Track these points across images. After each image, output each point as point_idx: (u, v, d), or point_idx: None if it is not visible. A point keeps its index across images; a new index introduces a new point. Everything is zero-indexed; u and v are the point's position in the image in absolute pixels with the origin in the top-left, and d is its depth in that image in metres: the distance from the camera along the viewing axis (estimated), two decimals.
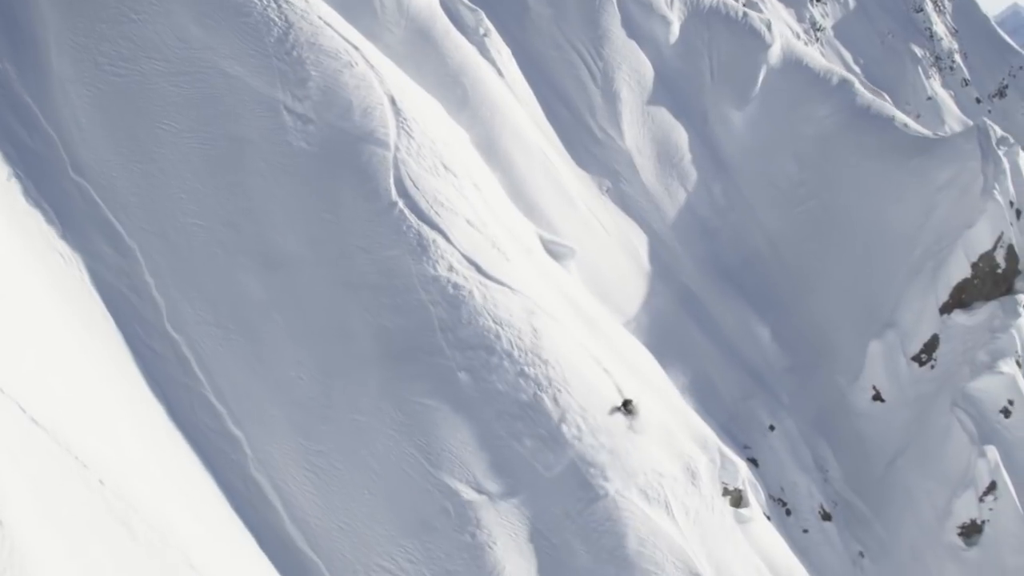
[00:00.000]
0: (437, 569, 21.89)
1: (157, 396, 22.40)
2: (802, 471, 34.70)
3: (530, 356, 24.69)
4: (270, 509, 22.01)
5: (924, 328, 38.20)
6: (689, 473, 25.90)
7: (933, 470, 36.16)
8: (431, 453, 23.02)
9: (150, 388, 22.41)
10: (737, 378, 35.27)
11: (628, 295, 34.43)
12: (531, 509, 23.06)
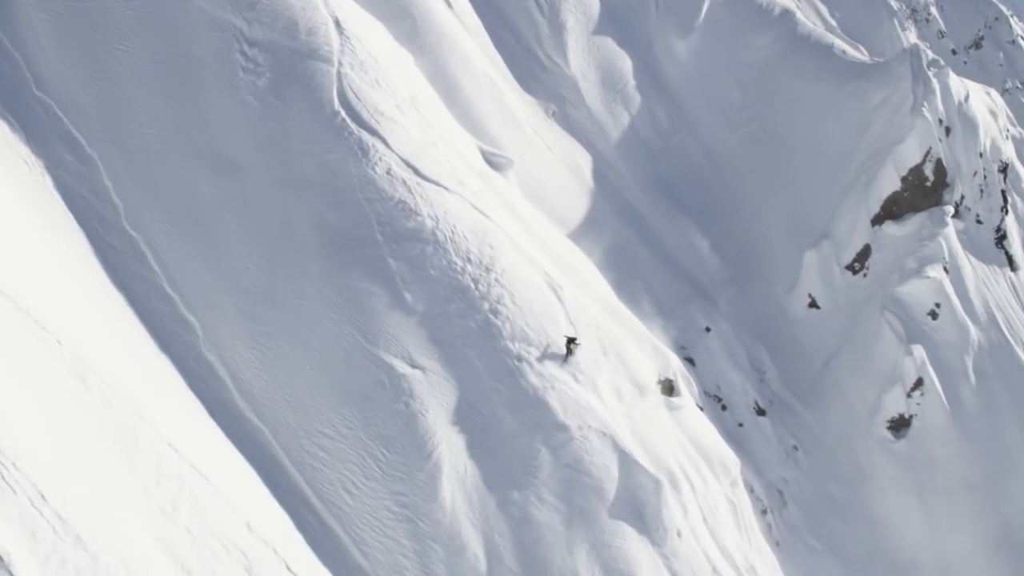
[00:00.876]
0: (373, 434, 24.13)
1: (116, 286, 24.60)
2: (737, 370, 36.98)
3: (462, 248, 26.94)
4: (220, 384, 24.24)
5: (857, 238, 40.45)
6: (615, 354, 28.12)
7: (864, 369, 38.47)
8: (368, 332, 25.26)
9: (109, 279, 24.61)
10: (676, 286, 37.51)
11: (571, 208, 36.65)
12: (461, 383, 25.33)
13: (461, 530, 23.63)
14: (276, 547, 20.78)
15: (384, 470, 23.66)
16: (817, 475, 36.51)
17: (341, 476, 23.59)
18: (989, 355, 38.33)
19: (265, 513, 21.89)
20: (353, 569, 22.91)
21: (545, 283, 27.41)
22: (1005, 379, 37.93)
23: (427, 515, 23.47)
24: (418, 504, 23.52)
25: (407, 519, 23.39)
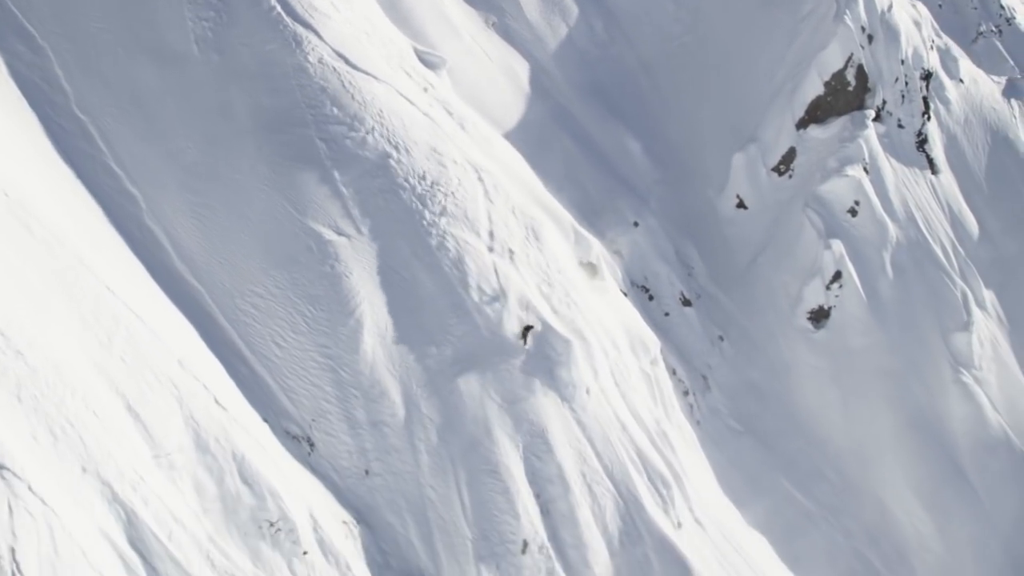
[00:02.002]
0: (300, 293, 26.61)
1: (65, 161, 26.95)
2: (664, 263, 39.43)
3: (387, 130, 29.33)
4: (161, 250, 26.65)
5: (783, 142, 42.85)
6: (532, 233, 30.56)
7: (787, 265, 40.99)
8: (298, 204, 27.70)
9: (59, 155, 26.95)
10: (606, 183, 39.85)
11: (506, 110, 38.95)
12: (384, 249, 27.78)
13: (380, 379, 26.07)
14: (206, 384, 23.19)
15: (310, 325, 26.07)
16: (740, 363, 39.01)
17: (271, 330, 26.01)
18: (907, 251, 40.78)
19: (198, 357, 24.33)
20: (280, 413, 25.39)
21: (466, 162, 29.71)
22: (922, 274, 40.41)
23: (349, 366, 25.92)
24: (341, 355, 25.97)
25: (330, 369, 25.84)
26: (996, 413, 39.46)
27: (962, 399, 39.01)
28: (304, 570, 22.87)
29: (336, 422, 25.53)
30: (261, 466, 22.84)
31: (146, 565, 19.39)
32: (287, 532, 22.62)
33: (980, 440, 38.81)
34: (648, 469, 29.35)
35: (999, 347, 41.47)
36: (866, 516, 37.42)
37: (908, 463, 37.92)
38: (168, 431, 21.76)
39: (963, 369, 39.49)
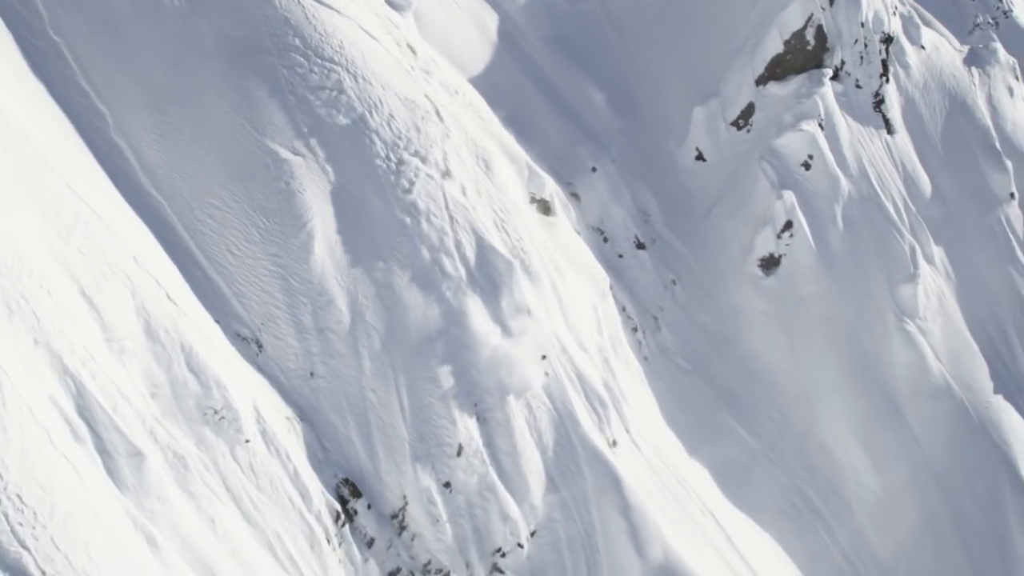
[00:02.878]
0: (256, 207, 28.39)
1: (38, 79, 28.70)
2: (620, 207, 41.11)
3: (346, 60, 31.06)
4: (126, 163, 28.42)
5: (742, 97, 44.51)
6: (484, 164, 32.30)
7: (741, 214, 42.68)
8: (257, 124, 29.45)
9: (32, 73, 28.68)
10: (567, 130, 41.49)
11: (472, 56, 40.60)
12: (337, 170, 29.54)
13: (328, 289, 27.87)
14: (159, 280, 25.00)
15: (263, 236, 27.87)
16: (692, 307, 40.71)
17: (226, 240, 27.81)
18: (858, 205, 42.46)
19: (154, 258, 26.11)
20: (231, 316, 27.20)
21: (423, 95, 31.45)
22: (872, 228, 42.09)
23: (299, 274, 27.72)
24: (291, 265, 27.78)
25: (281, 277, 27.65)
26: (938, 362, 41.11)
27: (905, 347, 40.66)
28: (246, 457, 24.60)
29: (284, 326, 27.23)
30: (208, 358, 24.58)
31: (92, 433, 21.09)
32: (231, 420, 24.38)
33: (920, 386, 40.45)
34: (586, 389, 31.06)
35: (945, 301, 43.13)
36: (807, 454, 39.10)
37: (849, 405, 39.57)
38: (120, 318, 23.45)
39: (907, 319, 41.11)
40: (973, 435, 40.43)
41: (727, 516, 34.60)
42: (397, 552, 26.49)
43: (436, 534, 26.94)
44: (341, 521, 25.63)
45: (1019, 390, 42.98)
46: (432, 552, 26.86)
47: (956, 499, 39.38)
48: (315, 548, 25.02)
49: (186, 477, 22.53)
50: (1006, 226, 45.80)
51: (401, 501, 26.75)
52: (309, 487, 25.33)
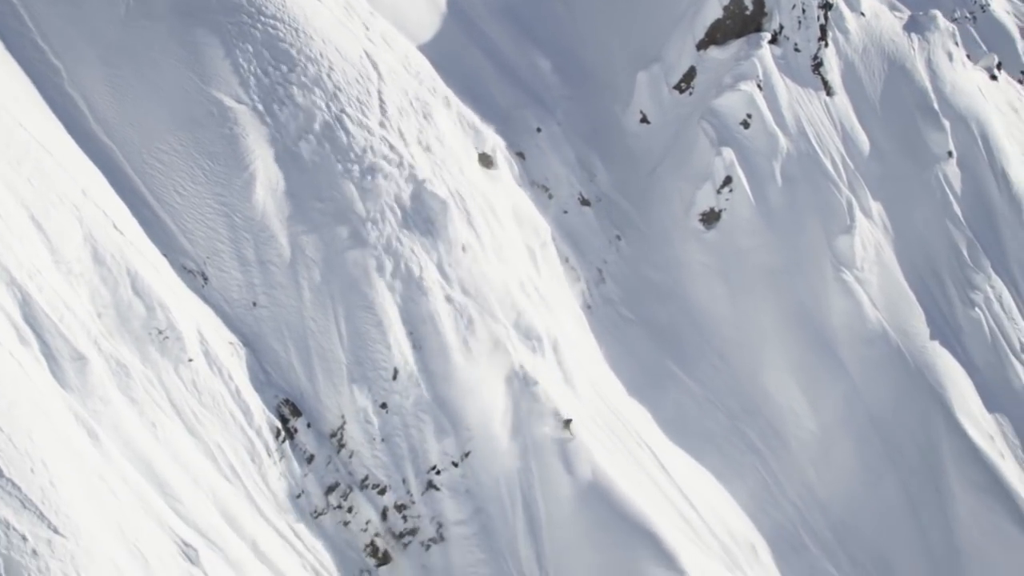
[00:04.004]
0: (201, 151, 30.44)
1: None
2: (564, 165, 43.18)
3: (289, 16, 33.17)
4: (79, 113, 30.45)
5: (684, 62, 46.61)
6: (424, 115, 34.37)
7: (683, 172, 44.72)
8: (204, 76, 31.52)
9: None
10: (514, 94, 43.53)
11: (420, 21, 42.66)
12: (279, 117, 31.61)
13: (270, 225, 29.92)
14: (107, 211, 27.05)
15: (208, 177, 29.93)
16: (636, 261, 42.70)
17: (173, 181, 29.87)
18: (797, 162, 44.51)
19: (103, 194, 28.14)
20: (178, 250, 29.23)
21: (363, 51, 33.53)
22: (811, 183, 44.13)
23: (241, 212, 29.78)
24: (235, 203, 29.84)
25: (225, 214, 29.70)
26: (875, 309, 43.10)
27: (842, 295, 42.65)
28: (189, 375, 26.63)
29: (228, 260, 29.28)
30: (153, 282, 26.63)
31: (37, 338, 23.10)
32: (174, 340, 26.40)
33: (857, 332, 42.42)
34: (521, 323, 32.96)
35: (883, 252, 45.15)
36: (747, 397, 41.04)
37: (788, 351, 41.51)
38: (68, 243, 25.48)
39: (845, 269, 43.13)
40: (909, 378, 42.29)
41: (665, 451, 36.36)
42: (336, 468, 28.35)
43: (373, 452, 28.81)
44: (281, 438, 27.51)
45: (955, 336, 44.86)
46: (369, 468, 28.73)
47: (892, 438, 41.22)
48: (256, 461, 26.91)
49: (128, 384, 24.43)
50: (944, 183, 47.72)
51: (339, 420, 28.63)
52: (250, 405, 27.22)
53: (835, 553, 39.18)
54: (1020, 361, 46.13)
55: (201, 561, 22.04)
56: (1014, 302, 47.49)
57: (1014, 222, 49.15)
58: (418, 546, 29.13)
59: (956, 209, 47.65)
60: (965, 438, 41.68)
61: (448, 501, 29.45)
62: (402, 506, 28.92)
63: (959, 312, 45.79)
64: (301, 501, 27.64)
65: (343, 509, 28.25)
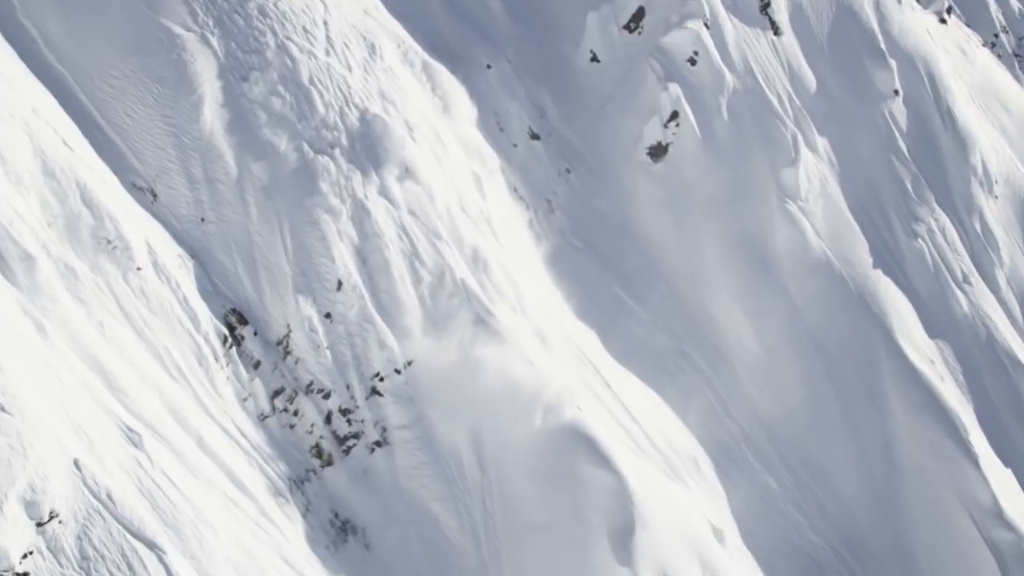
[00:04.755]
0: (151, 76, 31.85)
1: None
2: (514, 100, 44.60)
3: None
4: (32, 41, 31.70)
5: (632, 2, 48.08)
6: (369, 44, 35.75)
7: (632, 108, 46.17)
8: (154, 4, 32.87)
9: None
10: (466, 35, 44.82)
11: None
12: (225, 43, 33.04)
13: (217, 145, 31.38)
14: (56, 128, 28.46)
15: (158, 100, 31.35)
16: (586, 194, 44.19)
17: (124, 105, 31.28)
18: (744, 98, 46.00)
19: (53, 114, 29.53)
20: (128, 169, 30.67)
21: None
22: (756, 118, 45.62)
23: (189, 133, 31.21)
24: (183, 125, 31.28)
25: (173, 135, 31.15)
26: (819, 239, 44.69)
27: (786, 224, 44.25)
28: (137, 282, 28.15)
29: (177, 178, 30.74)
30: (102, 195, 28.08)
31: None
32: (123, 249, 27.89)
33: (801, 260, 44.03)
34: (465, 243, 34.47)
35: (828, 186, 46.73)
36: (692, 322, 42.67)
37: (733, 278, 43.12)
38: (18, 156, 26.89)
39: (789, 200, 44.71)
40: (851, 304, 43.92)
41: (610, 369, 37.92)
42: (282, 374, 29.92)
43: (318, 359, 30.38)
44: (228, 344, 29.07)
45: (898, 266, 46.46)
46: (314, 374, 30.31)
47: (834, 361, 42.88)
48: (203, 364, 28.45)
49: (77, 287, 25.91)
50: (889, 120, 49.23)
51: (285, 329, 30.20)
52: (198, 312, 28.76)
53: (776, 468, 40.81)
54: (962, 290, 47.41)
55: (145, 445, 23.39)
56: (957, 234, 48.91)
57: (959, 158, 50.56)
58: (363, 449, 30.55)
59: (901, 145, 49.04)
60: (905, 361, 43.12)
61: (391, 407, 30.88)
62: (346, 410, 30.28)
63: (902, 243, 47.27)
64: (248, 404, 29.05)
65: (289, 412, 29.62)
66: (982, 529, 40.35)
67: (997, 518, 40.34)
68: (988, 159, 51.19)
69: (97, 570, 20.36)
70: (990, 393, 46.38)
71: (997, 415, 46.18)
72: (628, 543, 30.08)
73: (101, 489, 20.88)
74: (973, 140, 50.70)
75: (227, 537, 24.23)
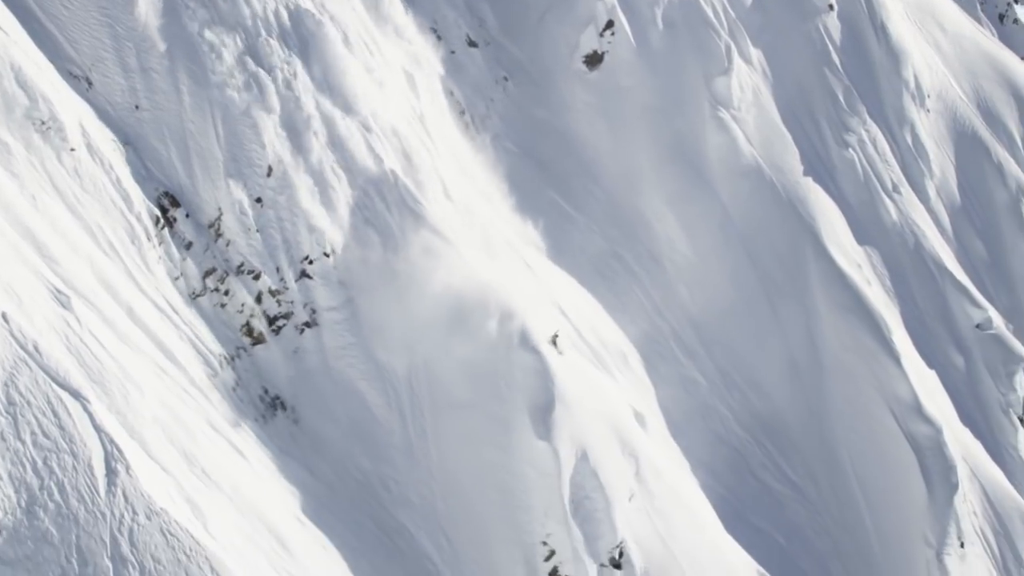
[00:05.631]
0: None
1: None
2: (452, 9, 45.78)
3: None
4: None
5: None
6: None
7: (569, 18, 47.27)
8: None
9: None
10: None
11: None
12: None
13: (151, 35, 32.62)
14: None
15: None
16: (523, 101, 45.41)
17: None
18: (678, 9, 47.25)
19: None
20: (64, 58, 31.77)
21: None
22: (691, 29, 46.87)
23: (124, 23, 32.21)
24: (118, 15, 32.27)
25: (109, 25, 32.12)
26: (750, 146, 46.13)
27: (718, 131, 45.69)
28: (71, 162, 29.28)
29: (112, 67, 31.77)
30: (36, 77, 29.10)
31: None
32: (56, 130, 28.97)
33: (732, 166, 45.50)
34: (396, 136, 35.73)
35: (761, 96, 48.12)
36: (625, 225, 44.13)
37: (666, 182, 44.58)
38: None
39: (722, 108, 46.12)
40: (781, 208, 45.46)
41: (541, 266, 39.32)
42: (213, 255, 31.20)
43: (248, 241, 31.67)
44: (161, 225, 30.33)
45: (829, 175, 48.07)
46: (245, 256, 31.60)
47: (762, 262, 44.47)
48: (136, 242, 29.69)
49: (10, 160, 27.07)
50: (824, 34, 50.58)
51: (216, 212, 31.44)
52: (131, 193, 29.97)
53: (704, 364, 42.53)
54: (891, 199, 49.05)
55: (73, 307, 24.60)
56: (888, 145, 50.49)
57: (891, 72, 52.02)
58: (292, 329, 31.90)
59: (835, 58, 50.46)
60: (832, 264, 44.78)
61: (321, 289, 32.25)
62: (276, 292, 31.63)
63: (833, 152, 48.84)
64: (179, 283, 30.36)
65: (220, 292, 30.96)
66: (901, 423, 42.02)
67: (916, 412, 42.05)
68: (921, 74, 52.48)
69: (23, 415, 21.33)
70: (917, 298, 48.00)
71: (923, 319, 47.88)
72: (547, 419, 31.46)
73: (28, 341, 21.97)
74: (906, 55, 51.94)
75: (154, 399, 25.38)
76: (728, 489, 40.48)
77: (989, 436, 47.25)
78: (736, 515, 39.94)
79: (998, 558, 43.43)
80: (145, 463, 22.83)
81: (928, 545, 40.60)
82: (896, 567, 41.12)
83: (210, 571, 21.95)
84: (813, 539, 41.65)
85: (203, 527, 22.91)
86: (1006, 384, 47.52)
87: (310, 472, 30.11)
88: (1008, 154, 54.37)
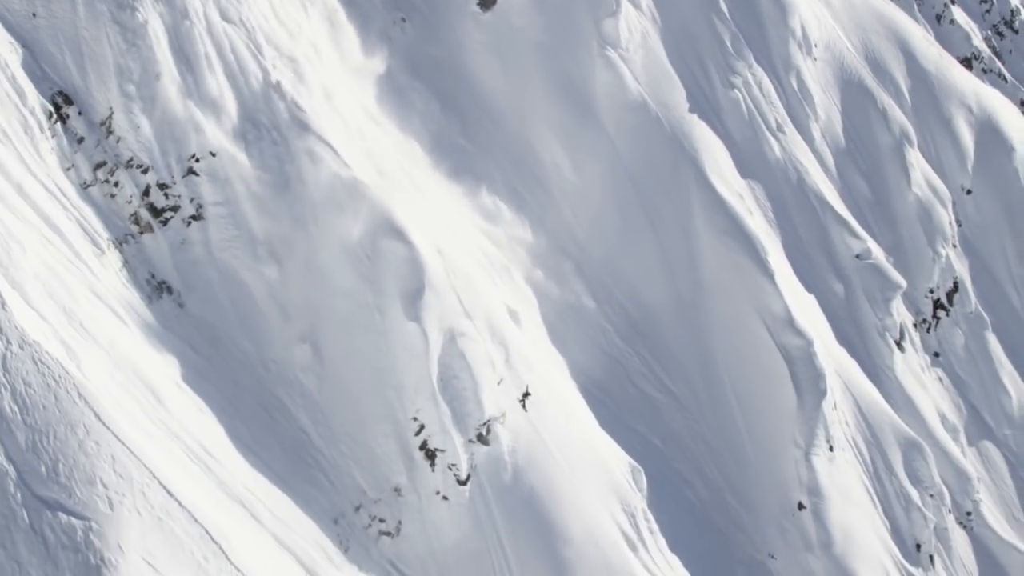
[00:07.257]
0: None
1: None
2: None
3: None
4: None
5: None
6: None
7: None
8: None
9: None
10: None
11: None
12: None
13: None
14: None
15: None
16: (420, 42, 48.42)
17: None
18: None
19: None
20: None
21: None
22: None
23: None
24: None
25: None
26: (637, 84, 49.27)
27: (606, 69, 48.79)
28: None
29: None
30: None
31: None
32: None
33: (618, 101, 48.59)
34: (284, 54, 38.65)
35: (649, 38, 51.32)
36: (516, 156, 47.18)
37: (554, 116, 47.64)
38: None
39: (610, 47, 49.24)
40: (665, 142, 48.60)
41: (429, 184, 42.23)
42: (104, 150, 33.95)
43: (137, 138, 34.44)
44: (54, 119, 33.06)
45: (714, 113, 51.32)
46: (134, 151, 34.37)
47: (646, 191, 47.52)
48: (28, 133, 32.38)
49: None
50: None
51: (108, 111, 34.16)
52: (25, 89, 32.64)
53: (587, 280, 45.61)
54: (775, 137, 52.36)
55: None
56: (773, 88, 53.71)
57: (778, 22, 55.42)
58: (179, 221, 34.66)
59: (723, 6, 53.72)
60: (714, 193, 47.96)
61: (207, 185, 35.07)
62: (164, 185, 34.43)
63: (719, 93, 52.15)
64: (71, 173, 33.10)
65: (110, 183, 33.73)
66: (775, 336, 45.13)
67: (788, 326, 45.17)
68: (808, 24, 55.82)
69: None
70: (799, 230, 51.26)
71: (804, 249, 51.13)
72: (417, 302, 34.38)
73: None
74: (793, 6, 55.38)
75: (36, 259, 28.10)
76: (607, 394, 43.43)
77: (866, 358, 50.42)
78: (614, 418, 42.84)
79: (869, 465, 46.52)
80: (22, 307, 25.43)
81: (797, 446, 43.45)
82: (767, 467, 44.13)
83: (78, 397, 24.53)
84: (689, 442, 44.56)
85: (76, 366, 25.49)
86: (883, 309, 50.63)
87: (191, 347, 32.76)
88: (894, 102, 57.58)
